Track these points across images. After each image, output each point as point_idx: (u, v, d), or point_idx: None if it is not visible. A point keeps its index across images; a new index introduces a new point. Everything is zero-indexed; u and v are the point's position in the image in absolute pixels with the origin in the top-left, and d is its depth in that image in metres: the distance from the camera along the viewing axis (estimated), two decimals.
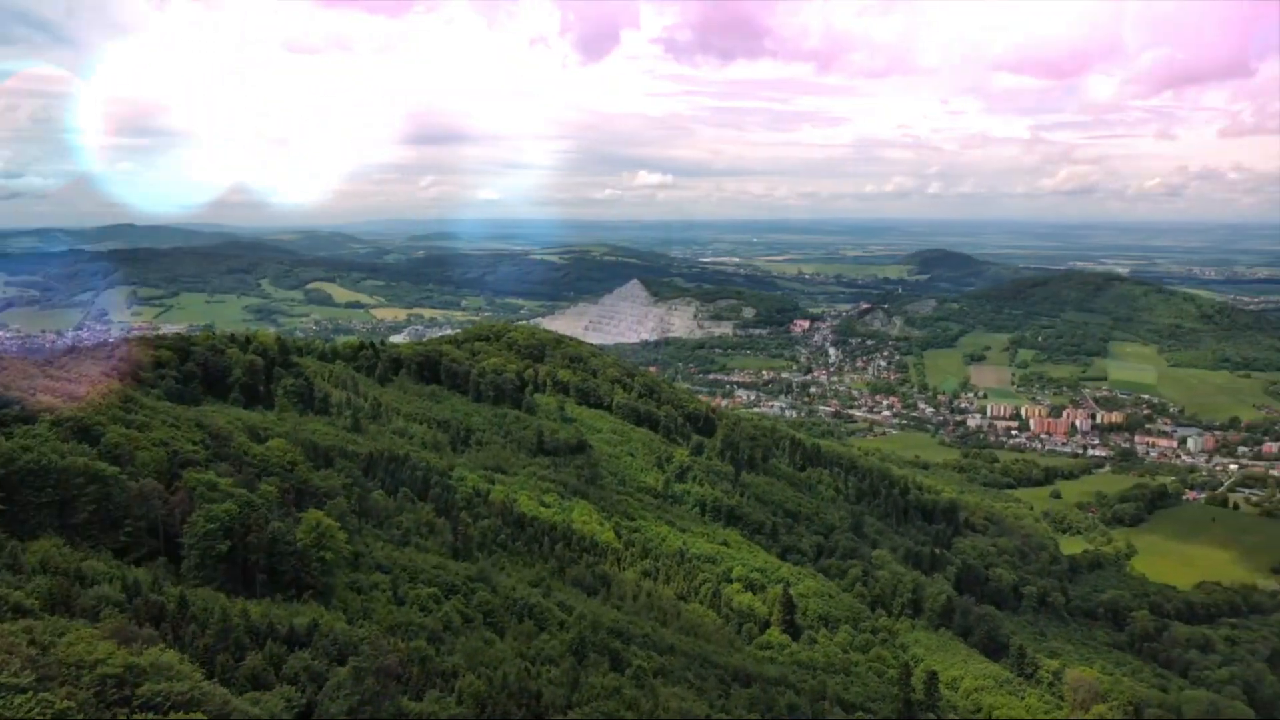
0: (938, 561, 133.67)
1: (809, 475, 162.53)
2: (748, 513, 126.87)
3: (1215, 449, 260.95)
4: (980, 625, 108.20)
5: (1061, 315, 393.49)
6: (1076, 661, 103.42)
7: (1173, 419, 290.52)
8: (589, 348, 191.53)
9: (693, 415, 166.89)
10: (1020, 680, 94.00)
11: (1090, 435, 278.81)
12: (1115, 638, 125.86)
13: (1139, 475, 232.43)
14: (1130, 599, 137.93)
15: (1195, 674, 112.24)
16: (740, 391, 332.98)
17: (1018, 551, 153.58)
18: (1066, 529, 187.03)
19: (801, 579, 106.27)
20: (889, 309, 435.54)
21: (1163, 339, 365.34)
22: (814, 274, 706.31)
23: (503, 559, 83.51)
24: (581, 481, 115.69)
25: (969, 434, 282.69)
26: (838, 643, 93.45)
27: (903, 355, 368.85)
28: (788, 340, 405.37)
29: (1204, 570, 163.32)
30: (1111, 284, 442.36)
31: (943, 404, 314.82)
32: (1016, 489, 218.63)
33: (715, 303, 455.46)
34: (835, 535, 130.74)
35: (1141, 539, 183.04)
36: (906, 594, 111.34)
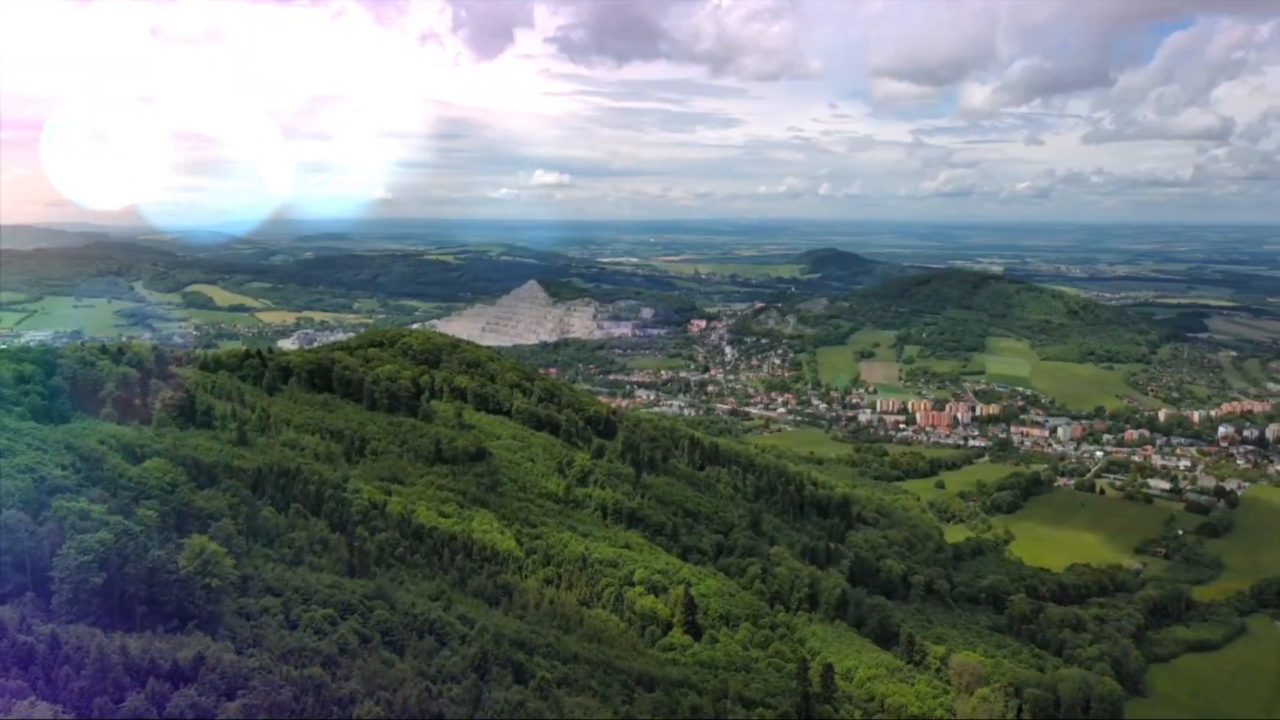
0: (832, 556, 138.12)
1: (708, 474, 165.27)
2: (649, 514, 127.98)
3: (1083, 437, 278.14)
4: (873, 616, 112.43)
5: (944, 312, 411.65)
6: (961, 646, 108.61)
7: (1045, 410, 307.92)
8: (487, 352, 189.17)
9: (593, 418, 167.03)
10: (910, 667, 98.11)
11: (971, 427, 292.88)
12: (996, 621, 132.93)
13: (1015, 464, 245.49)
14: (1009, 583, 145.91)
15: (1069, 652, 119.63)
16: (640, 391, 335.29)
17: (906, 542, 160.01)
18: (950, 518, 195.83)
19: (702, 579, 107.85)
20: (783, 308, 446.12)
21: (1034, 334, 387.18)
22: (710, 274, 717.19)
23: (401, 573, 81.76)
24: (481, 490, 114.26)
25: (860, 429, 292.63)
26: (738, 640, 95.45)
27: (796, 353, 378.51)
28: (686, 340, 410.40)
29: (1075, 553, 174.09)
30: (988, 282, 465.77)
31: (835, 400, 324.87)
32: (905, 481, 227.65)
33: (614, 303, 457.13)
34: (734, 534, 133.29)
35: (1018, 525, 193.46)
36: (803, 589, 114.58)
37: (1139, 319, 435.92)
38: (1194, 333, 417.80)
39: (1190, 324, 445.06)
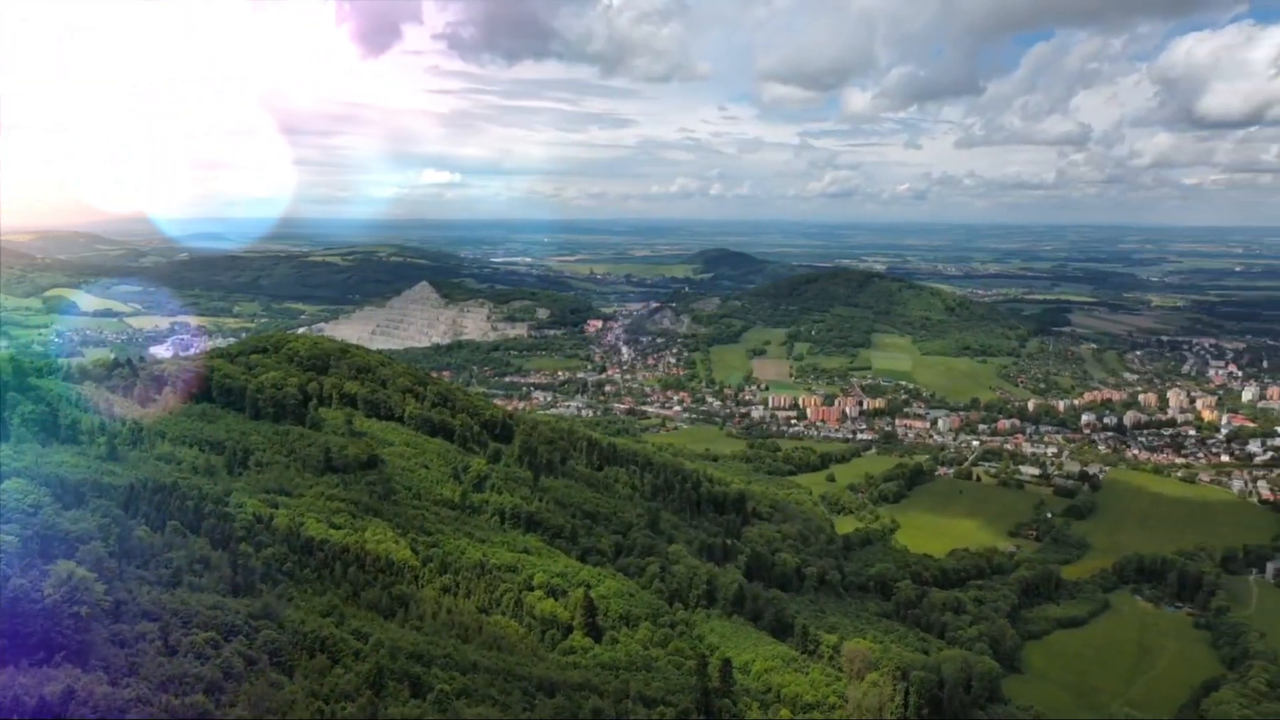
0: (729, 551, 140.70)
1: (606, 475, 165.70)
2: (547, 517, 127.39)
3: (961, 428, 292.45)
4: (769, 609, 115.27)
5: (831, 310, 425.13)
6: (852, 634, 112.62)
7: (926, 402, 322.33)
8: (377, 356, 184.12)
9: (489, 422, 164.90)
10: (805, 657, 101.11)
11: (859, 421, 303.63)
12: (884, 608, 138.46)
13: (900, 456, 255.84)
14: (895, 571, 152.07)
15: (951, 634, 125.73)
16: (537, 393, 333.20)
17: (800, 535, 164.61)
18: (841, 510, 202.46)
19: (602, 580, 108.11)
20: (677, 307, 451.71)
21: (916, 330, 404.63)
22: (605, 274, 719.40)
23: (290, 590, 78.68)
24: (374, 499, 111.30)
25: (754, 425, 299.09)
26: (638, 640, 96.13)
27: (691, 352, 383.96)
28: (582, 340, 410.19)
29: (955, 538, 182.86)
30: (872, 281, 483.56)
31: (729, 397, 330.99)
32: (797, 475, 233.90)
33: (509, 304, 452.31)
34: (633, 533, 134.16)
35: (904, 514, 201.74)
36: (702, 586, 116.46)
37: (1009, 315, 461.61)
38: (1058, 327, 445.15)
39: (1055, 319, 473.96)
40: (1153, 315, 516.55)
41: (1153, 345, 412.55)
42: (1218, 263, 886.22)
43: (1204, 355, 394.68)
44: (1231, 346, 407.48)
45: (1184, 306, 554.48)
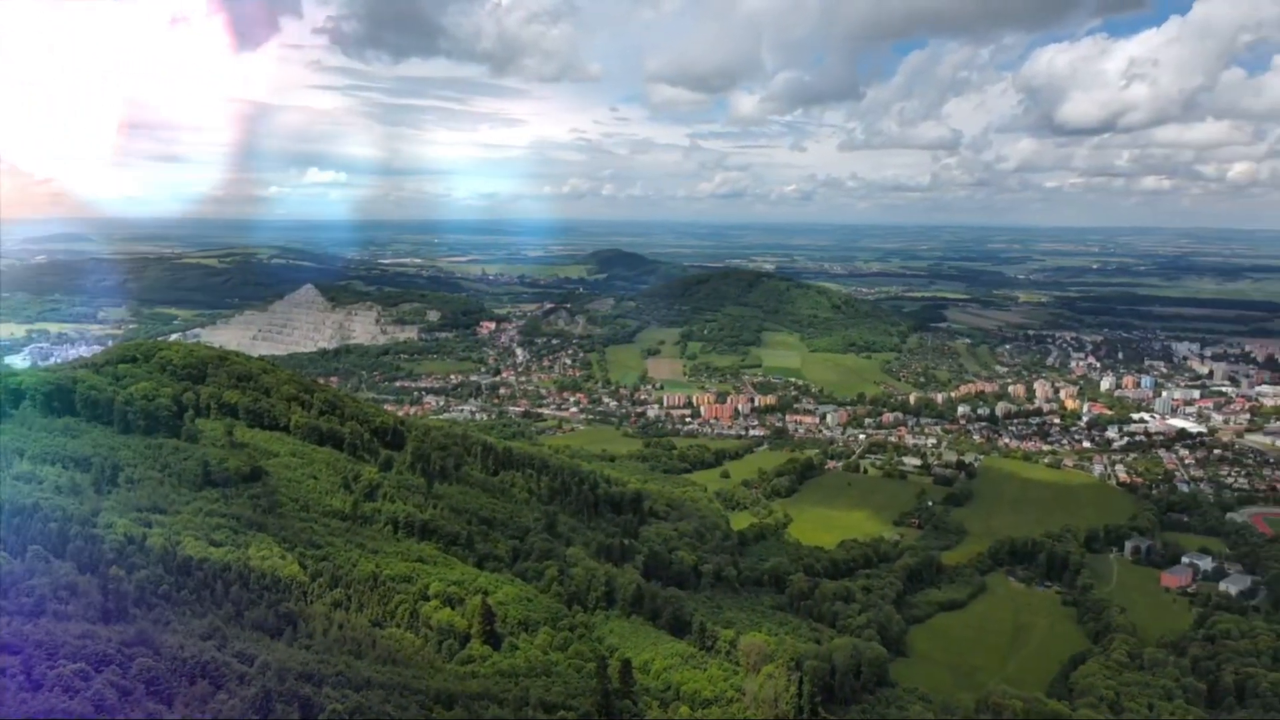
0: (627, 552, 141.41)
1: (502, 479, 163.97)
2: (442, 525, 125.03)
3: (848, 422, 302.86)
4: (667, 607, 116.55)
5: (723, 309, 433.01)
6: (748, 628, 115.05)
7: (815, 398, 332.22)
8: (260, 363, 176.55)
9: (380, 429, 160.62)
10: (703, 653, 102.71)
11: (751, 418, 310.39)
12: (778, 600, 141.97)
13: (791, 451, 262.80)
14: (789, 564, 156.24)
15: (841, 623, 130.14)
16: (429, 397, 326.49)
17: (696, 533, 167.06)
18: (735, 506, 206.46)
19: (500, 586, 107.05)
20: (571, 308, 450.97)
21: (804, 328, 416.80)
22: (498, 274, 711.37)
23: (167, 613, 74.67)
24: (258, 513, 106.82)
25: (649, 424, 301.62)
26: (538, 645, 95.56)
27: (586, 352, 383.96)
28: (475, 342, 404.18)
29: (845, 530, 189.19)
30: (762, 280, 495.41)
31: (625, 397, 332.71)
32: (693, 473, 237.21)
33: (398, 306, 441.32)
34: (530, 537, 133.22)
35: (796, 508, 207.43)
36: (600, 587, 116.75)
37: (891, 312, 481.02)
38: (936, 323, 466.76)
39: (932, 315, 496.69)
40: (1020, 311, 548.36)
41: (1020, 339, 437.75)
42: (1077, 261, 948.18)
43: (1066, 348, 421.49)
44: (1090, 339, 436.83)
45: (1048, 302, 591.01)
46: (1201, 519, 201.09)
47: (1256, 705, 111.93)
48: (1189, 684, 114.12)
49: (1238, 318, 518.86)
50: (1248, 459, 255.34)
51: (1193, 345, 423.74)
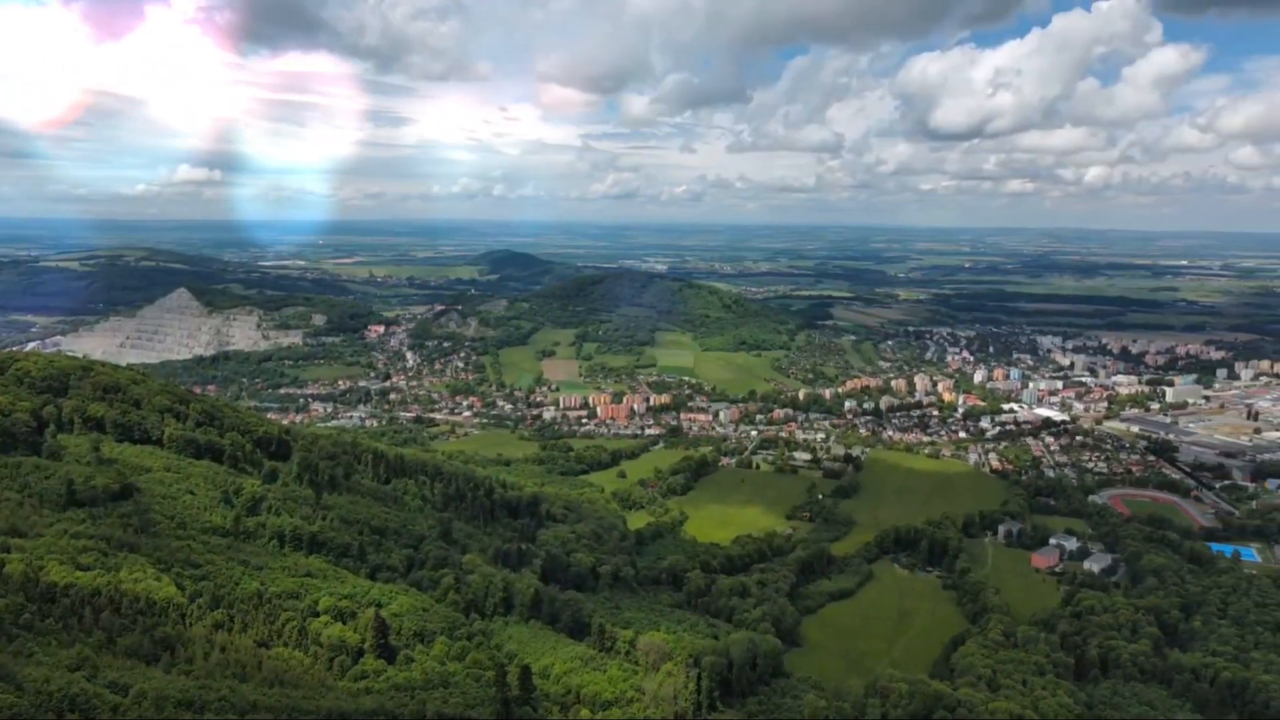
0: (525, 556, 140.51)
1: (394, 487, 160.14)
2: (332, 537, 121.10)
3: (740, 419, 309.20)
4: (566, 611, 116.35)
5: (617, 310, 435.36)
6: (647, 627, 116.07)
7: (708, 396, 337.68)
8: (129, 373, 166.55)
9: (263, 439, 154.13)
10: (602, 655, 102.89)
11: (646, 417, 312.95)
12: (676, 598, 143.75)
13: (686, 449, 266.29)
14: (685, 561, 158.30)
15: (738, 617, 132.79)
16: (316, 404, 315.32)
17: (594, 534, 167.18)
18: (632, 505, 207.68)
19: (394, 597, 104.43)
20: (463, 310, 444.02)
21: (696, 327, 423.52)
22: (386, 276, 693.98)
23: (29, 644, 69.62)
24: (129, 533, 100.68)
25: (545, 426, 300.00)
26: (434, 656, 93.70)
27: (479, 355, 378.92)
28: (363, 346, 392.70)
29: (740, 525, 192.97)
30: (655, 281, 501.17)
31: (520, 400, 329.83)
32: (589, 474, 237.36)
33: (281, 310, 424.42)
34: (425, 546, 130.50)
35: (691, 505, 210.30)
36: (498, 593, 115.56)
37: (780, 310, 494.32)
38: (823, 321, 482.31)
39: (819, 313, 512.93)
40: (900, 308, 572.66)
41: (901, 336, 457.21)
42: (951, 260, 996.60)
43: (943, 343, 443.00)
44: (964, 335, 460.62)
45: (925, 300, 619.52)
46: (1066, 502, 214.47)
47: (1119, 675, 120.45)
48: (1059, 659, 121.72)
49: (1095, 312, 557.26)
50: (1106, 444, 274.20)
51: (1055, 338, 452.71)
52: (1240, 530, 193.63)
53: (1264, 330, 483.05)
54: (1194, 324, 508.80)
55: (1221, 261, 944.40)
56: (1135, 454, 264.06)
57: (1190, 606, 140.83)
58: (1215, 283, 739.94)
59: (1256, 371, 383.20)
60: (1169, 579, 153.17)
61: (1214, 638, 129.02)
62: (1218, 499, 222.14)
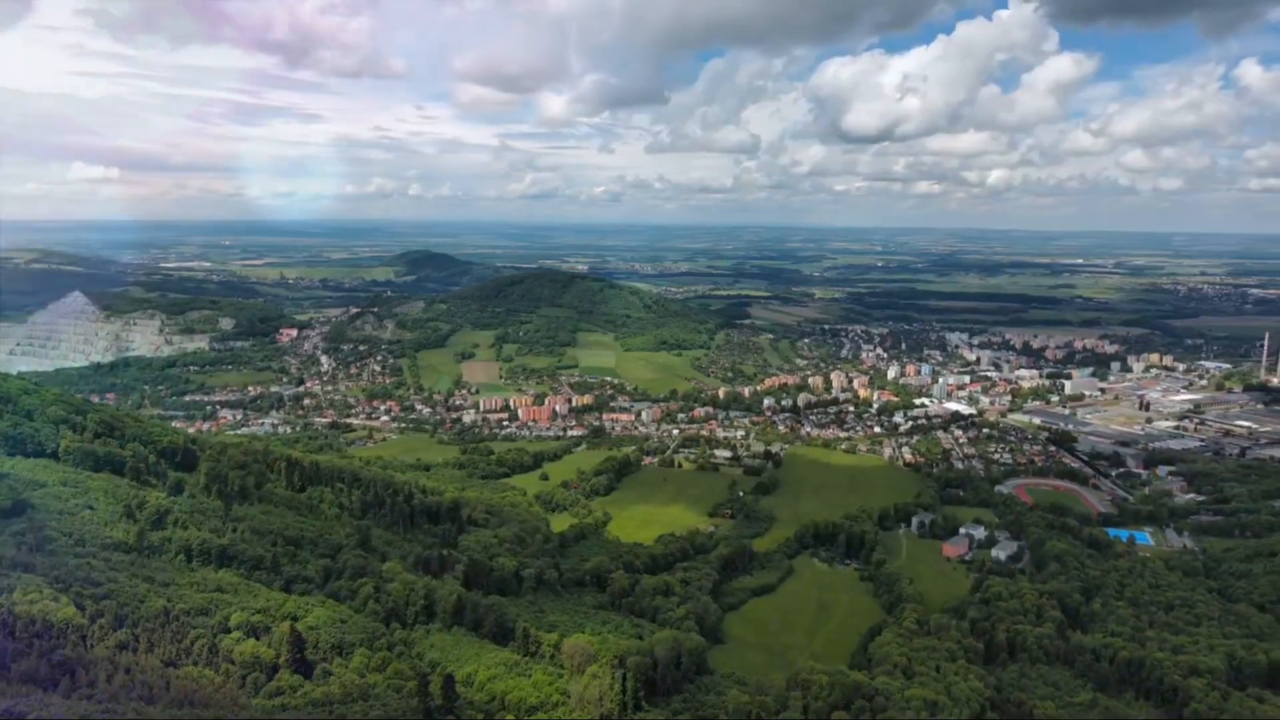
0: (446, 562, 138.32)
1: (310, 495, 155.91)
2: (244, 549, 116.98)
3: (662, 418, 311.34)
4: (489, 616, 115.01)
5: (538, 311, 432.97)
6: (572, 630, 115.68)
7: (630, 396, 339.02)
8: (19, 383, 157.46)
9: (168, 449, 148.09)
10: (527, 660, 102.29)
11: (569, 418, 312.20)
12: (601, 599, 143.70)
13: (609, 449, 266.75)
14: (609, 562, 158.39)
15: (662, 616, 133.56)
16: (225, 412, 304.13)
17: (517, 537, 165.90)
18: (555, 507, 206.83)
19: (310, 609, 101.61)
20: (379, 312, 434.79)
21: (617, 327, 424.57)
22: (298, 278, 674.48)
23: None
24: (23, 551, 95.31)
25: (466, 430, 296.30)
26: (354, 668, 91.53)
27: (396, 358, 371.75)
28: (275, 351, 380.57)
29: (663, 524, 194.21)
30: (575, 281, 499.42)
31: (439, 403, 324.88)
32: (512, 477, 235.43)
33: (186, 314, 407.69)
34: (343, 555, 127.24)
35: (614, 505, 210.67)
36: (419, 601, 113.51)
37: (699, 310, 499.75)
38: (741, 320, 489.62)
39: (737, 312, 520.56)
40: (816, 306, 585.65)
41: (817, 334, 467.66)
42: (864, 259, 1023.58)
43: (857, 341, 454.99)
44: (878, 332, 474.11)
45: (840, 298, 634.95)
46: (975, 492, 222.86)
47: (1025, 658, 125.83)
48: (969, 644, 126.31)
49: (999, 309, 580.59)
50: (1010, 436, 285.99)
51: (963, 335, 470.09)
52: (1135, 515, 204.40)
53: (1154, 325, 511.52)
54: (1090, 320, 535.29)
55: (1114, 260, 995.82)
56: (1037, 445, 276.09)
57: (1090, 590, 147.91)
58: (1109, 280, 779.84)
59: (1147, 364, 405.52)
60: (1070, 564, 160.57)
61: (1112, 619, 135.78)
62: (1114, 486, 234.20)
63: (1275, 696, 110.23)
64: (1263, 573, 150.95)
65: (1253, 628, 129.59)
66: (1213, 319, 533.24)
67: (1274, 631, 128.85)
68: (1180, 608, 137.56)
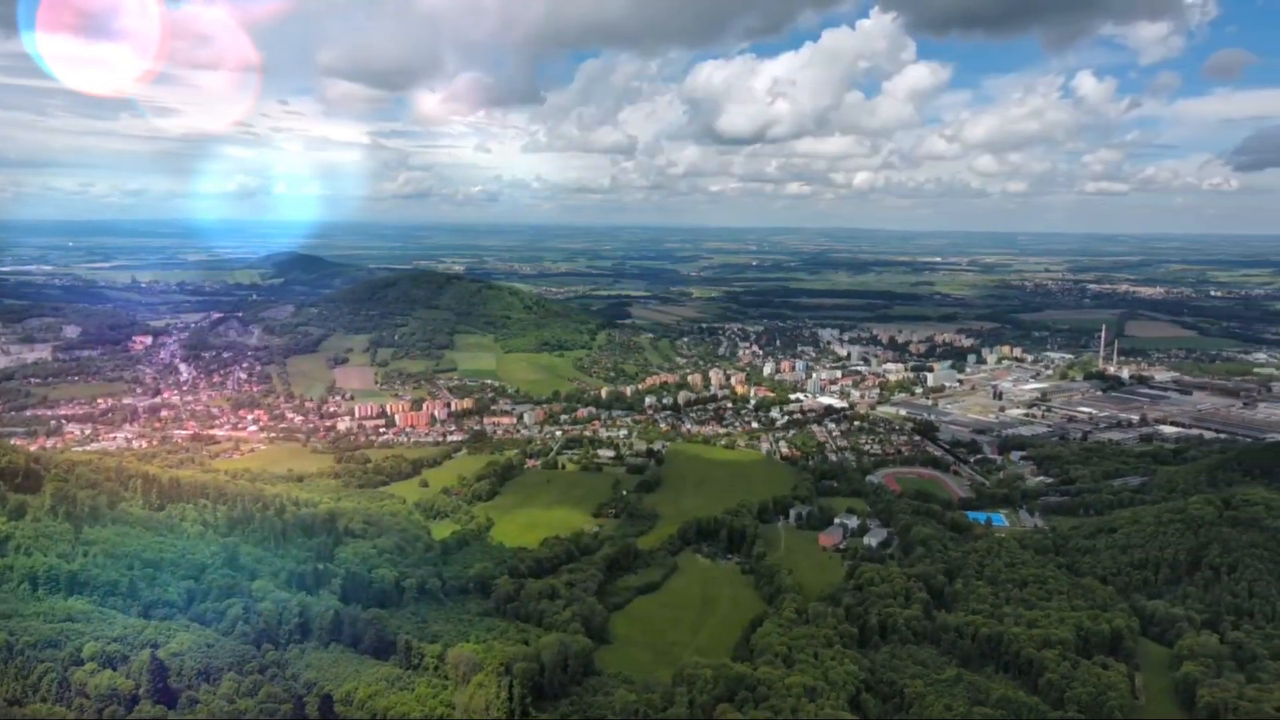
0: (322, 577, 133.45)
1: (170, 513, 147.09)
2: (96, 574, 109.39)
3: (545, 420, 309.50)
4: (369, 630, 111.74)
5: (414, 313, 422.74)
6: (456, 639, 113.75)
7: (511, 398, 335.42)
8: None
9: (7, 470, 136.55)
10: (410, 673, 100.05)
11: (448, 423, 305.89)
12: (485, 606, 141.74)
13: (491, 453, 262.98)
14: (494, 568, 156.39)
15: (548, 620, 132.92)
16: (72, 426, 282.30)
17: (397, 547, 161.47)
18: (437, 515, 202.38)
19: (173, 635, 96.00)
20: (245, 317, 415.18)
21: (497, 329, 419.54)
22: (152, 282, 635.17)
23: None
24: None
25: (340, 438, 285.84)
26: (222, 694, 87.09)
27: (265, 365, 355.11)
28: (128, 360, 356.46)
29: (548, 527, 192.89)
30: (453, 282, 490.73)
31: (311, 411, 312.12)
32: (390, 485, 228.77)
33: (24, 322, 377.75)
34: (208, 575, 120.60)
35: (498, 510, 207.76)
36: (293, 619, 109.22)
37: (580, 310, 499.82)
38: (622, 319, 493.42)
39: (618, 312, 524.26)
40: (695, 305, 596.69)
41: (696, 332, 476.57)
42: (739, 258, 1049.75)
43: (734, 338, 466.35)
44: (754, 330, 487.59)
45: (717, 297, 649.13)
46: (848, 483, 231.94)
47: (895, 639, 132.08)
48: (844, 629, 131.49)
49: (866, 306, 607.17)
50: (879, 428, 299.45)
51: (834, 331, 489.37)
52: (991, 499, 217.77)
53: (1004, 319, 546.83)
54: (948, 315, 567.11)
55: (968, 258, 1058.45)
56: (904, 435, 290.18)
57: (953, 571, 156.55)
58: (964, 277, 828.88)
59: (1000, 356, 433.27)
60: (934, 547, 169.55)
61: (973, 598, 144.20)
62: (972, 472, 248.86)
63: (1117, 663, 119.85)
64: (1104, 548, 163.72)
65: (1097, 599, 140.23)
66: (1056, 313, 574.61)
67: (1115, 602, 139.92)
68: (1033, 584, 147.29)
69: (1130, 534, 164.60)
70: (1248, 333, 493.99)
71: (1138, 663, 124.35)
